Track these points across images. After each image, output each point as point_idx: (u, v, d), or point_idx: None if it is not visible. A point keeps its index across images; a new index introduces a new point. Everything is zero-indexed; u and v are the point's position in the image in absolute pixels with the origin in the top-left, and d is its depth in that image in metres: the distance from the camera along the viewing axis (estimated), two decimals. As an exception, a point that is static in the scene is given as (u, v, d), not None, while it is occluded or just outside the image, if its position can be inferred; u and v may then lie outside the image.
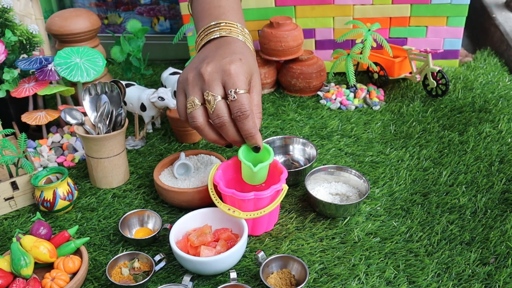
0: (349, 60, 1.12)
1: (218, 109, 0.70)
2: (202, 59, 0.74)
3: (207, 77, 0.70)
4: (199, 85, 0.71)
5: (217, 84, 0.70)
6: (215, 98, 0.70)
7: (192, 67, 0.74)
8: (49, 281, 0.66)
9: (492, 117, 1.04)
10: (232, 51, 0.73)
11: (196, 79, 0.72)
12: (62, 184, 0.83)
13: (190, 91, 0.72)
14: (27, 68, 0.96)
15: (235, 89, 0.69)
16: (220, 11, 0.79)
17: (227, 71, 0.70)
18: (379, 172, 0.91)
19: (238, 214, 0.73)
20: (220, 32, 0.77)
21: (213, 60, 0.71)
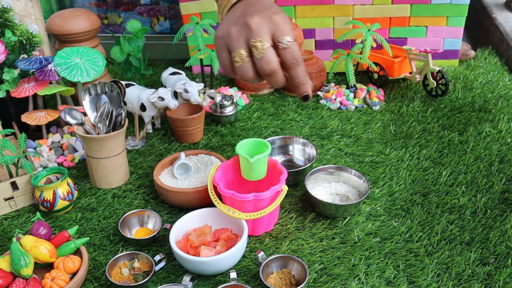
0: (349, 60, 1.12)
1: (268, 55, 0.68)
2: (241, 13, 0.72)
3: (255, 26, 0.68)
4: (244, 36, 0.69)
5: (265, 32, 0.68)
6: (263, 44, 0.68)
7: (231, 21, 0.71)
8: (49, 281, 0.66)
9: (492, 117, 1.04)
10: (271, 4, 0.73)
11: (240, 30, 0.70)
12: (62, 184, 0.83)
13: (234, 44, 0.70)
14: (27, 68, 0.96)
15: (286, 36, 0.69)
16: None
17: (274, 21, 0.69)
18: (379, 172, 0.91)
19: (238, 215, 0.73)
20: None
21: (256, 12, 0.70)
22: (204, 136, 1.05)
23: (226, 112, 1.07)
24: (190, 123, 1.00)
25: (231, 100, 1.08)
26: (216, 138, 1.04)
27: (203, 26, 1.14)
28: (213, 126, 1.09)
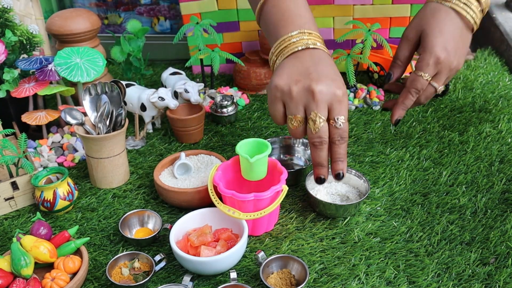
0: (349, 60, 1.12)
1: (321, 132, 0.72)
2: (306, 70, 0.73)
3: (318, 97, 0.71)
4: (305, 102, 0.72)
5: (325, 106, 0.72)
6: (321, 120, 0.72)
7: (294, 75, 0.73)
8: (49, 281, 0.66)
9: (492, 117, 1.04)
10: (334, 70, 0.74)
11: (302, 95, 0.72)
12: (62, 184, 0.83)
13: (293, 107, 0.73)
14: (27, 68, 0.96)
15: (342, 116, 0.72)
16: (302, 20, 0.78)
17: (338, 97, 0.71)
18: (379, 172, 0.91)
19: (238, 215, 0.73)
20: (312, 41, 0.75)
21: (322, 78, 0.72)
22: (204, 136, 1.05)
23: (226, 112, 1.07)
24: (190, 123, 1.00)
25: (231, 100, 1.08)
26: (216, 138, 1.04)
27: (203, 26, 1.14)
28: (213, 126, 1.09)
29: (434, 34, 0.79)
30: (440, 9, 0.80)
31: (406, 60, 0.86)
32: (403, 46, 0.85)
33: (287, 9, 0.79)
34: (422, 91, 0.80)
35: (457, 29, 0.79)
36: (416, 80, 0.79)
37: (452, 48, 0.79)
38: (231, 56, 1.13)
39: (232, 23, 1.25)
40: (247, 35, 1.27)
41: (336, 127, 0.72)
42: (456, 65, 0.81)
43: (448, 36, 0.79)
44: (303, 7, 0.80)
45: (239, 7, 1.22)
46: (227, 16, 1.23)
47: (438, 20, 0.80)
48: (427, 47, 0.80)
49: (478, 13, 0.80)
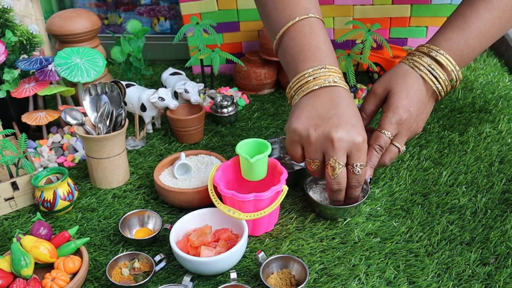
0: (349, 60, 1.12)
1: (340, 178, 0.74)
2: (325, 113, 0.73)
3: (337, 145, 0.72)
4: (323, 148, 0.73)
5: (344, 153, 0.73)
6: (340, 166, 0.73)
7: (313, 118, 0.73)
8: (49, 281, 0.66)
9: (492, 118, 1.04)
10: (355, 113, 0.74)
11: (321, 141, 0.73)
12: (62, 185, 0.83)
13: (312, 152, 0.74)
14: (27, 69, 0.96)
15: (361, 163, 0.73)
16: (322, 54, 0.77)
17: (357, 145, 0.72)
18: (379, 172, 0.91)
19: (238, 215, 0.73)
20: (332, 79, 0.75)
21: (342, 124, 0.72)
22: (204, 136, 1.05)
23: (226, 112, 1.07)
24: (190, 123, 1.00)
25: (231, 100, 1.08)
26: (216, 138, 1.04)
27: (204, 26, 1.14)
28: (213, 126, 1.09)
29: (400, 96, 0.81)
30: (410, 74, 0.82)
31: (372, 114, 0.87)
32: (370, 100, 0.86)
33: (307, 42, 0.78)
34: (385, 149, 0.81)
35: (422, 96, 0.81)
36: (379, 137, 0.80)
37: (414, 111, 0.81)
38: (231, 57, 1.13)
39: (232, 23, 1.25)
40: (247, 35, 1.27)
41: (354, 172, 0.74)
42: (415, 128, 0.83)
43: (414, 100, 0.81)
44: (323, 40, 0.78)
45: (239, 7, 1.22)
46: (227, 16, 1.23)
47: (407, 83, 0.81)
48: (392, 106, 0.81)
49: (445, 87, 0.82)
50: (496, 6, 0.81)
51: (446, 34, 0.82)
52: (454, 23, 0.83)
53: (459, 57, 0.82)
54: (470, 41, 0.81)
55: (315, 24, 0.79)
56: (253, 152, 0.77)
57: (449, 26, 0.83)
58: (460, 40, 0.81)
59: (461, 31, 0.81)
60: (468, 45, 0.81)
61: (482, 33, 0.81)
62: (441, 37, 0.83)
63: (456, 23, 0.82)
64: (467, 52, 0.82)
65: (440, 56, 0.81)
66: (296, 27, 0.79)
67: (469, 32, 0.81)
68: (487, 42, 0.83)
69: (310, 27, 0.79)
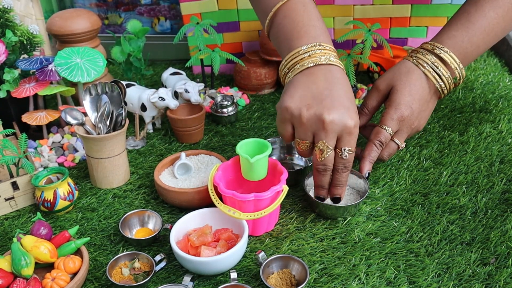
0: (350, 60, 1.12)
1: (327, 160, 0.74)
2: (319, 93, 0.72)
3: (328, 127, 0.71)
4: (314, 130, 0.72)
5: (334, 136, 0.72)
6: (328, 150, 0.72)
7: (305, 102, 0.72)
8: (50, 281, 0.66)
9: (492, 118, 1.04)
10: (349, 95, 0.73)
11: (313, 122, 0.72)
12: (63, 184, 0.83)
13: (302, 132, 0.74)
14: (28, 68, 0.96)
15: (349, 148, 0.73)
16: (316, 31, 0.76)
17: (348, 128, 0.71)
18: (380, 172, 0.91)
19: (238, 215, 0.73)
20: (326, 57, 0.74)
21: (335, 107, 0.71)
22: (204, 136, 1.05)
23: (226, 112, 1.07)
24: (190, 123, 1.00)
25: (231, 100, 1.08)
26: (216, 138, 1.04)
27: (204, 26, 1.14)
28: (213, 126, 1.09)
29: (403, 93, 0.81)
30: (413, 71, 0.82)
31: (373, 109, 0.87)
32: (373, 96, 0.86)
33: (300, 19, 0.77)
34: (385, 145, 0.82)
35: (425, 93, 0.82)
36: (380, 133, 0.81)
37: (416, 108, 0.81)
38: (232, 56, 1.13)
39: (232, 23, 1.25)
40: (247, 35, 1.27)
41: (342, 157, 0.73)
42: (416, 125, 0.83)
43: (416, 98, 0.81)
44: (316, 18, 0.78)
45: (239, 7, 1.22)
46: (228, 16, 1.23)
47: (410, 80, 0.81)
48: (394, 103, 0.81)
49: (448, 85, 0.83)
50: (501, 4, 0.81)
51: (450, 32, 0.82)
52: (458, 20, 0.83)
53: (463, 55, 0.82)
54: (474, 39, 0.81)
55: (307, 2, 0.79)
56: (253, 152, 0.77)
57: (454, 24, 0.83)
58: (464, 38, 0.81)
59: (465, 29, 0.81)
60: (472, 43, 0.81)
61: (486, 31, 0.81)
62: (445, 34, 0.83)
63: (460, 21, 0.82)
64: (471, 50, 0.82)
65: (444, 53, 0.81)
66: (289, 5, 0.79)
67: (473, 30, 0.81)
68: (491, 41, 0.83)
69: (303, 5, 0.78)
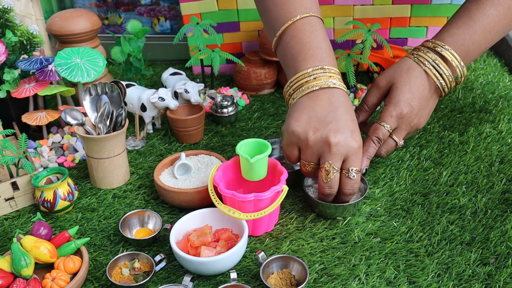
0: (349, 60, 1.12)
1: (333, 182, 0.74)
2: (324, 117, 0.73)
3: (334, 149, 0.72)
4: (320, 152, 0.73)
5: (340, 158, 0.73)
6: (334, 171, 0.73)
7: (311, 125, 0.73)
8: (50, 281, 0.66)
9: (492, 118, 1.04)
10: (353, 118, 0.75)
11: (319, 145, 0.73)
12: (63, 185, 0.83)
13: (308, 155, 0.75)
14: (28, 69, 0.96)
15: (356, 168, 0.73)
16: (322, 54, 0.77)
17: (354, 149, 0.73)
18: (379, 172, 0.91)
19: (238, 215, 0.73)
20: (332, 81, 0.75)
21: (339, 130, 0.72)
22: (204, 137, 1.05)
23: (226, 112, 1.07)
24: (190, 123, 1.00)
25: (231, 100, 1.08)
26: (216, 138, 1.04)
27: (204, 26, 1.14)
28: (213, 126, 1.09)
29: (403, 90, 0.81)
30: (414, 68, 0.82)
31: (373, 106, 0.87)
32: (373, 92, 0.87)
33: (308, 41, 0.78)
34: (383, 142, 0.82)
35: (425, 91, 0.82)
36: (378, 129, 0.81)
37: (416, 106, 0.81)
38: (231, 57, 1.13)
39: (232, 23, 1.25)
40: (247, 35, 1.27)
41: (349, 177, 0.74)
42: (416, 123, 0.83)
43: (416, 95, 0.81)
44: (323, 39, 0.78)
45: (239, 8, 1.22)
46: (228, 16, 1.23)
47: (410, 78, 0.82)
48: (393, 100, 0.81)
49: (449, 83, 0.83)
50: (502, 3, 0.81)
51: (452, 30, 0.82)
52: (459, 18, 0.83)
53: (465, 53, 0.82)
54: (476, 36, 0.81)
55: (316, 23, 0.79)
56: (253, 152, 0.77)
57: (455, 22, 0.83)
58: (466, 36, 0.81)
59: (467, 27, 0.81)
60: (473, 41, 0.81)
61: (487, 29, 0.81)
62: (446, 32, 0.83)
63: (461, 19, 0.82)
64: (473, 48, 0.82)
65: (445, 51, 0.81)
66: (297, 25, 0.79)
67: (474, 28, 0.81)
68: (493, 39, 0.83)
69: (311, 26, 0.79)
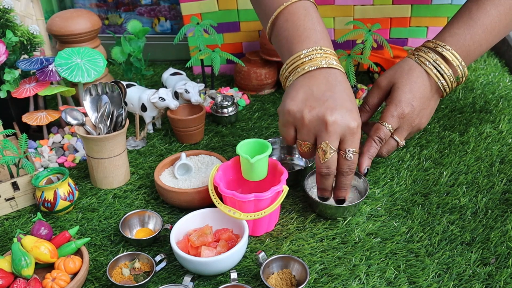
0: (350, 60, 1.12)
1: (330, 162, 0.73)
2: (321, 95, 0.72)
3: (331, 128, 0.70)
4: (317, 131, 0.72)
5: (337, 138, 0.71)
6: (331, 151, 0.72)
7: (307, 100, 0.72)
8: (50, 282, 0.66)
9: (492, 118, 1.04)
10: (350, 97, 0.73)
11: (315, 123, 0.71)
12: (63, 185, 0.83)
13: (304, 134, 0.73)
14: (28, 69, 0.96)
15: (353, 149, 0.72)
16: (317, 35, 0.77)
17: (351, 129, 0.71)
18: (380, 172, 0.91)
19: (238, 215, 0.73)
20: (327, 61, 0.74)
21: (338, 107, 0.71)
22: (204, 137, 1.05)
23: (226, 112, 1.07)
24: (190, 123, 1.00)
25: (231, 100, 1.08)
26: (216, 139, 1.04)
27: (204, 26, 1.14)
28: (213, 126, 1.09)
29: (404, 90, 0.81)
30: (415, 69, 0.82)
31: (375, 107, 0.87)
32: (374, 93, 0.86)
33: (302, 24, 0.77)
34: (384, 142, 0.82)
35: (426, 91, 0.81)
36: (380, 129, 0.80)
37: (417, 106, 0.80)
38: (232, 57, 1.13)
39: (232, 23, 1.25)
40: (247, 35, 1.27)
41: (346, 158, 0.73)
42: (417, 123, 0.82)
43: (417, 95, 0.81)
44: (317, 22, 0.78)
45: (239, 8, 1.22)
46: (228, 16, 1.23)
47: (411, 78, 0.81)
48: (395, 100, 0.81)
49: (450, 83, 0.82)
50: (503, 2, 0.81)
51: (452, 30, 0.82)
52: (460, 18, 0.83)
53: (466, 53, 0.82)
54: (477, 36, 0.81)
55: (309, 6, 0.79)
56: (253, 152, 0.77)
57: (455, 22, 0.83)
58: (467, 36, 0.81)
59: (467, 27, 0.81)
60: (474, 41, 0.81)
61: (488, 29, 0.81)
62: (447, 32, 0.83)
63: (462, 19, 0.82)
64: (474, 48, 0.82)
65: (446, 51, 0.81)
66: (290, 9, 0.79)
67: (475, 28, 0.81)
68: (494, 39, 0.83)
69: (304, 9, 0.79)
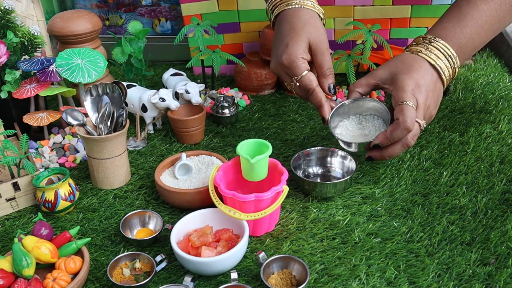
0: (350, 61, 1.12)
1: (297, 88, 0.86)
2: (281, 39, 0.88)
3: (278, 69, 0.89)
4: (281, 73, 0.89)
5: (284, 72, 0.88)
6: (292, 84, 0.87)
7: (273, 48, 0.90)
8: (51, 282, 0.66)
9: (492, 118, 1.04)
10: (295, 28, 0.86)
11: (279, 69, 0.88)
12: (64, 185, 0.83)
13: (284, 79, 0.89)
14: (29, 69, 0.97)
15: (295, 76, 0.85)
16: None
17: (285, 66, 0.85)
18: (380, 172, 0.91)
19: (239, 215, 0.73)
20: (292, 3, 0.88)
21: (280, 49, 0.87)
22: (205, 137, 1.05)
23: (227, 112, 1.08)
24: (191, 123, 1.00)
25: (232, 101, 1.08)
26: (217, 139, 1.04)
27: (204, 27, 1.14)
28: (214, 126, 1.09)
29: (407, 74, 0.80)
30: (412, 57, 0.82)
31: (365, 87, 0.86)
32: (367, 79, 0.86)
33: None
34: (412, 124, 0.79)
35: (427, 74, 0.81)
36: (404, 109, 0.77)
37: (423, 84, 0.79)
38: (232, 57, 1.13)
39: (233, 24, 1.25)
40: (247, 36, 1.27)
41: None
42: (429, 104, 0.80)
43: (419, 76, 0.80)
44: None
45: (240, 8, 1.22)
46: (228, 17, 1.24)
47: (411, 64, 0.81)
48: (400, 84, 0.80)
49: (446, 68, 0.82)
50: None
51: (442, 24, 0.84)
52: (450, 14, 0.84)
53: (457, 46, 0.82)
54: (467, 29, 0.82)
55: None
56: (253, 153, 0.77)
57: (445, 17, 0.85)
58: (456, 29, 0.82)
59: (457, 21, 0.82)
60: (465, 34, 0.82)
61: (479, 23, 0.82)
62: (437, 27, 0.84)
63: (451, 14, 0.84)
64: (465, 41, 0.82)
65: (435, 42, 0.82)
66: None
67: (464, 21, 0.82)
68: (487, 34, 0.84)
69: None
